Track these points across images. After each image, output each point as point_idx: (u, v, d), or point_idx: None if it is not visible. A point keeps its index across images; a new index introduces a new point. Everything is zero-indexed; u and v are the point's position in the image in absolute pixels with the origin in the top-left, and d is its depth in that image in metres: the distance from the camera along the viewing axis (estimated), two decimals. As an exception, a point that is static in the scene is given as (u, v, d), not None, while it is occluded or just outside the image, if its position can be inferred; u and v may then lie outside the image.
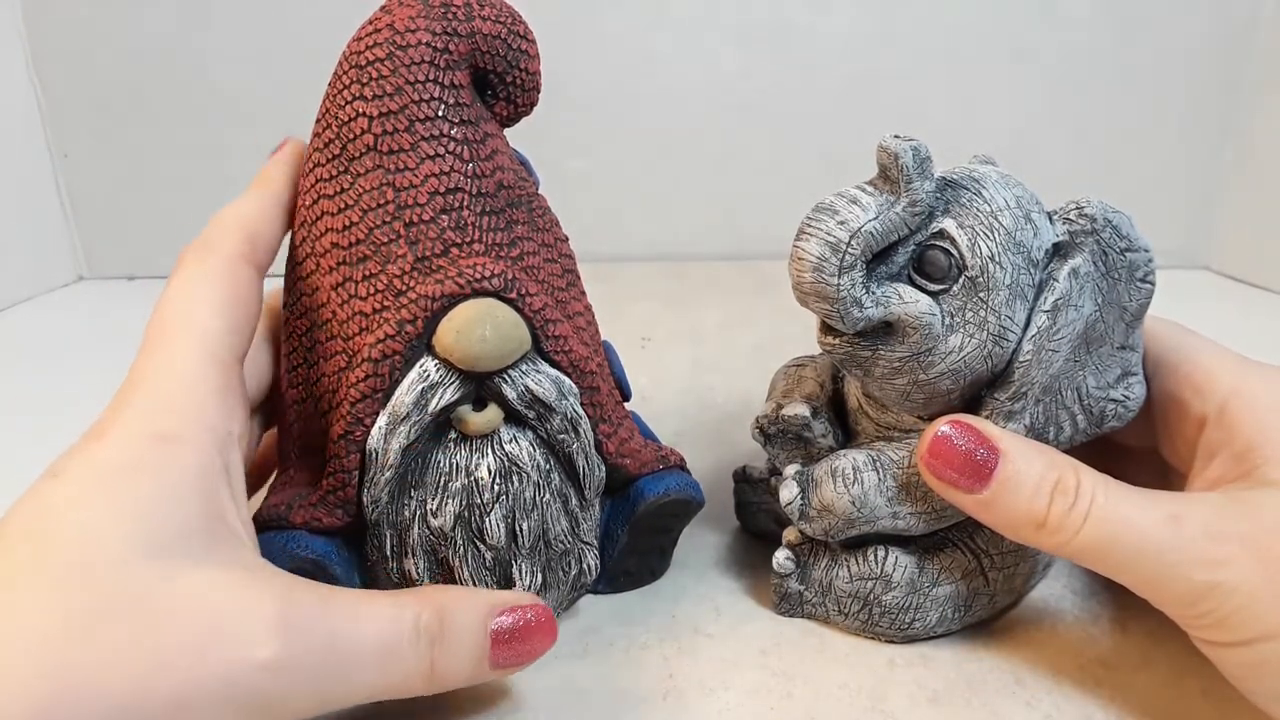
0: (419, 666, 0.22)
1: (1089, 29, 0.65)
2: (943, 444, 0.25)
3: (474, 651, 0.23)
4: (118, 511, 0.19)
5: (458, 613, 0.23)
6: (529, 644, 0.24)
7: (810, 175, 0.67)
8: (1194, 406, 0.26)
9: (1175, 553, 0.23)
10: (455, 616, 0.23)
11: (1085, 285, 0.25)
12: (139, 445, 0.20)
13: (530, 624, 0.24)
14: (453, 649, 0.22)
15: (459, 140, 0.25)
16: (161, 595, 0.19)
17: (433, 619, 0.22)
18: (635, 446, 0.29)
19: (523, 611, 0.24)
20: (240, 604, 0.20)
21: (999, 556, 0.28)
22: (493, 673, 0.23)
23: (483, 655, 0.23)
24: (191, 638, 0.19)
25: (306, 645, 0.20)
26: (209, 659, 0.19)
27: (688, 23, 0.65)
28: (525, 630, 0.23)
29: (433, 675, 0.22)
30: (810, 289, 0.24)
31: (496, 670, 0.23)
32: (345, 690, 0.21)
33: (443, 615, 0.22)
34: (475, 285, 0.25)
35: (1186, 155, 0.68)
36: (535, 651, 0.24)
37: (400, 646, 0.22)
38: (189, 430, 0.21)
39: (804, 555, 0.29)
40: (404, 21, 0.25)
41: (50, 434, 0.21)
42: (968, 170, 0.26)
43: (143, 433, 0.21)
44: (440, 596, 0.23)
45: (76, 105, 0.64)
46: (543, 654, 0.24)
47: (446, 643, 0.22)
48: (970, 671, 0.27)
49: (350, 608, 0.21)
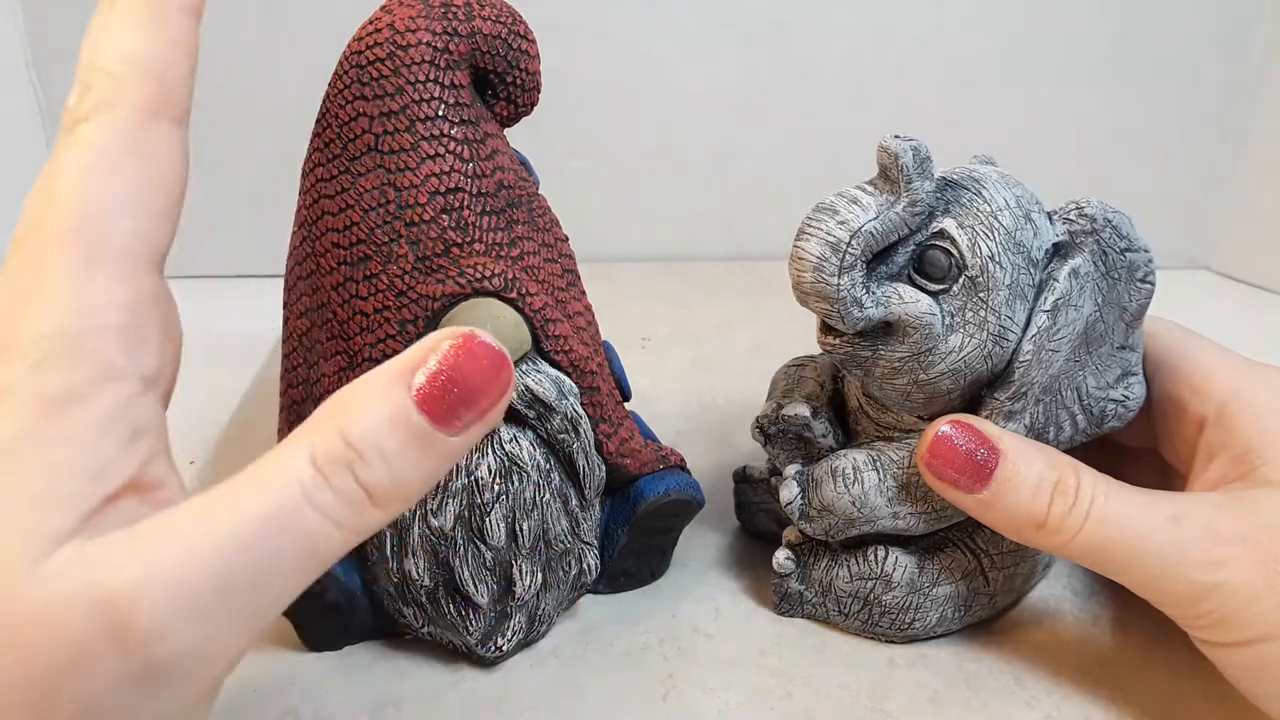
0: (339, 508, 0.17)
1: (1089, 29, 0.65)
2: (943, 444, 0.25)
3: (411, 440, 0.18)
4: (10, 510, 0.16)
5: (362, 413, 0.17)
6: (475, 384, 0.18)
7: (810, 175, 0.67)
8: (1194, 407, 0.26)
9: (1175, 553, 0.23)
10: (362, 419, 0.17)
11: (1085, 285, 0.25)
12: (26, 414, 0.16)
13: (459, 364, 0.18)
14: (381, 457, 0.17)
15: (459, 140, 0.25)
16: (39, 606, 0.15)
17: (332, 442, 0.17)
18: (635, 446, 0.29)
19: (442, 355, 0.18)
20: (105, 578, 0.16)
21: (999, 556, 0.28)
22: (460, 441, 0.18)
23: (426, 436, 0.18)
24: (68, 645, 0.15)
25: (184, 579, 0.16)
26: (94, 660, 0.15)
27: (688, 23, 0.65)
28: (457, 374, 0.18)
29: (375, 500, 0.17)
30: (810, 289, 0.24)
31: (462, 437, 0.18)
32: (265, 595, 0.17)
33: (344, 429, 0.17)
34: (476, 285, 0.25)
35: (1186, 155, 0.68)
36: (490, 388, 0.18)
37: (295, 505, 0.17)
38: (87, 384, 0.17)
39: (804, 555, 0.29)
40: (404, 21, 0.25)
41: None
42: (968, 170, 0.26)
43: (30, 396, 0.16)
44: (330, 407, 0.18)
45: (76, 105, 0.64)
46: (504, 385, 0.18)
47: (367, 457, 0.17)
48: (970, 671, 0.27)
49: (227, 498, 0.17)
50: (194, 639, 0.16)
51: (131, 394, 0.17)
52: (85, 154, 0.18)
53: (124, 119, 0.18)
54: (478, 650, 0.27)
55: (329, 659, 0.28)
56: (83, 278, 0.17)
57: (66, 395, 0.16)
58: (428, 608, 0.27)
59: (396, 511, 0.18)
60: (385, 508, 0.18)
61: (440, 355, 0.18)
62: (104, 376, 0.17)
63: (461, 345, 0.18)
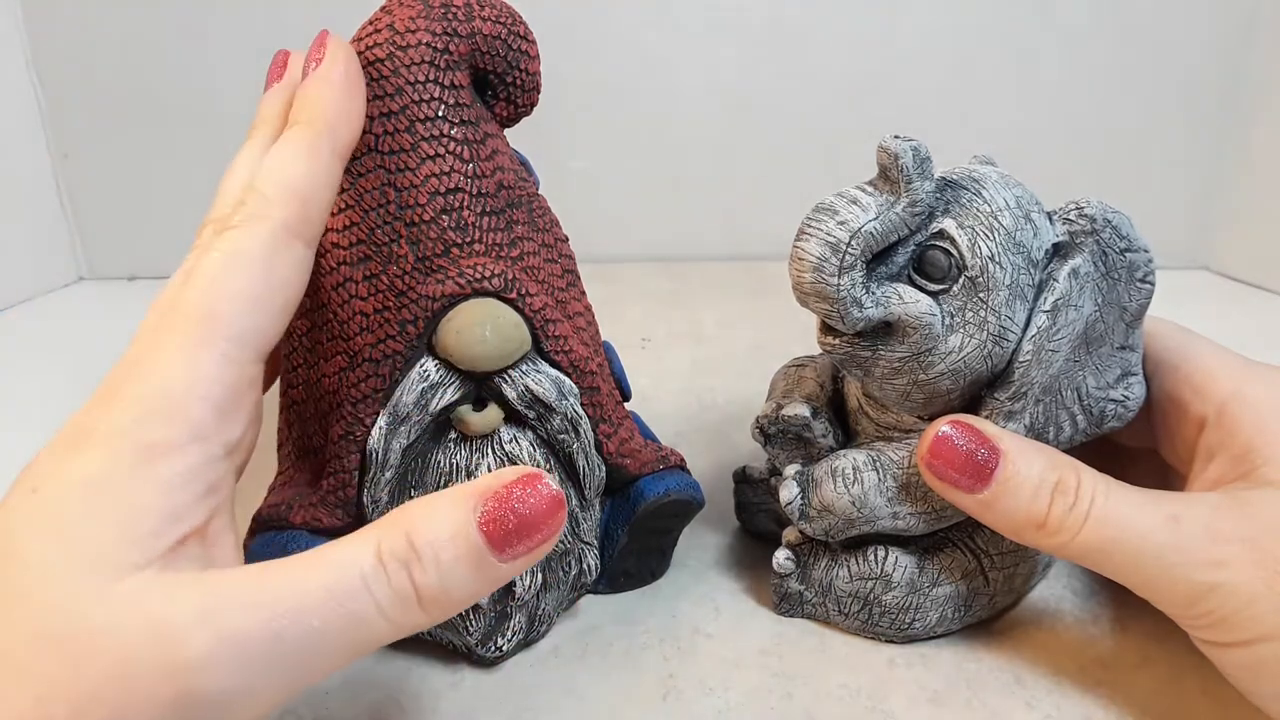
0: (390, 601, 0.19)
1: (1089, 29, 0.65)
2: (943, 444, 0.25)
3: (466, 556, 0.19)
4: (86, 535, 0.18)
5: (429, 522, 0.19)
6: (531, 520, 0.20)
7: (810, 175, 0.68)
8: (1194, 407, 0.26)
9: (1175, 553, 0.23)
10: (427, 528, 0.19)
11: (1085, 285, 0.25)
12: (123, 457, 0.18)
13: (523, 498, 0.20)
14: (436, 564, 0.19)
15: (459, 140, 0.25)
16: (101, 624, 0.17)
17: (397, 541, 0.19)
18: (635, 447, 0.29)
19: (509, 489, 0.20)
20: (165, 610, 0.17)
21: (999, 556, 0.28)
22: (507, 569, 0.20)
23: (479, 556, 0.19)
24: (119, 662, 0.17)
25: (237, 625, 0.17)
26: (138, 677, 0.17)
27: (688, 22, 0.65)
28: (519, 507, 0.20)
29: (422, 602, 0.19)
30: (810, 289, 0.24)
31: (510, 565, 0.20)
32: (307, 660, 0.18)
33: (410, 533, 0.19)
34: (476, 285, 0.25)
35: (1186, 155, 0.68)
36: (544, 526, 0.20)
37: (353, 586, 0.18)
38: (179, 441, 0.19)
39: (804, 555, 0.29)
40: (404, 22, 0.25)
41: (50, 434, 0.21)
42: (968, 170, 0.26)
43: (129, 443, 0.18)
44: (405, 512, 0.20)
45: (76, 105, 0.64)
46: (557, 526, 0.20)
47: (425, 561, 0.19)
48: (970, 671, 0.27)
49: (295, 568, 0.18)
50: (234, 683, 0.17)
51: (213, 456, 0.20)
52: (227, 253, 0.21)
53: (267, 232, 0.21)
54: (478, 650, 0.27)
55: (329, 659, 0.28)
56: (197, 353, 0.20)
57: (159, 447, 0.19)
58: (428, 608, 0.27)
59: (438, 618, 0.20)
60: (429, 612, 0.19)
61: (507, 486, 0.20)
62: (194, 437, 0.19)
63: (527, 481, 0.20)
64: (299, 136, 0.22)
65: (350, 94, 0.24)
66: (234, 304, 0.20)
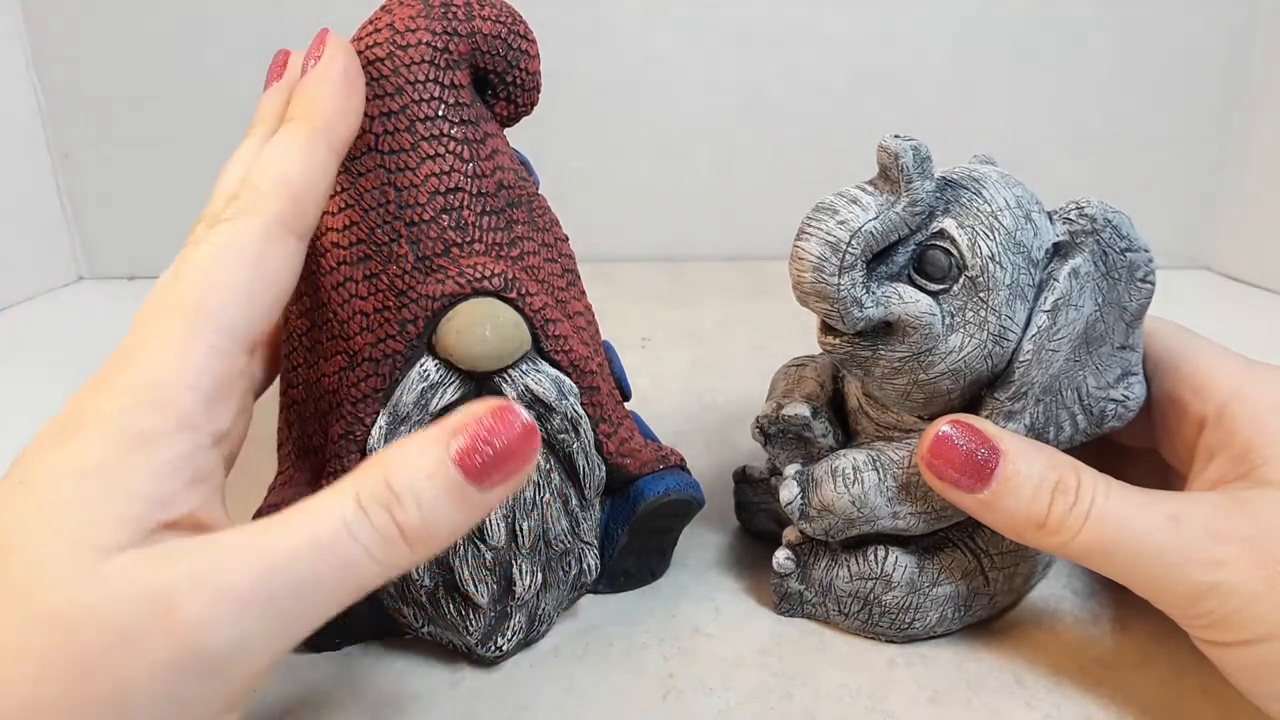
0: (376, 542, 0.19)
1: (1089, 29, 0.65)
2: (943, 444, 0.25)
3: (445, 491, 0.20)
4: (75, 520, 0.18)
5: (404, 464, 0.20)
6: (506, 450, 0.20)
7: (810, 175, 0.67)
8: (1194, 407, 0.26)
9: (1175, 553, 0.23)
10: (403, 469, 0.20)
11: (1085, 285, 0.25)
12: (111, 444, 0.19)
13: (496, 429, 0.20)
14: (417, 502, 0.19)
15: (459, 140, 0.25)
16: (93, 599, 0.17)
17: (376, 486, 0.19)
18: (635, 446, 0.29)
19: (481, 421, 0.20)
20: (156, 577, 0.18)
21: (999, 556, 0.28)
22: (486, 498, 0.20)
23: (459, 488, 0.20)
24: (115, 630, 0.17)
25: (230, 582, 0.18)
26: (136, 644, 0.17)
27: (688, 23, 0.65)
28: (493, 439, 0.20)
29: (407, 540, 0.19)
30: (810, 289, 0.24)
31: (489, 493, 0.20)
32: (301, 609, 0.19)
33: (387, 475, 0.20)
34: (476, 285, 0.25)
35: (1186, 155, 0.68)
36: (519, 454, 0.20)
37: (338, 533, 0.19)
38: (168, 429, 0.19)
39: (804, 555, 0.29)
40: (404, 21, 0.25)
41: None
42: (968, 170, 0.26)
43: (117, 430, 0.19)
44: (378, 459, 0.20)
45: (76, 105, 0.64)
46: (532, 454, 0.21)
47: (405, 501, 0.19)
48: (970, 671, 0.27)
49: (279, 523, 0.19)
50: (232, 638, 0.18)
51: (202, 445, 0.20)
52: (218, 246, 0.21)
53: (259, 225, 0.21)
54: (478, 650, 0.27)
55: (329, 659, 0.28)
56: (187, 344, 0.20)
57: (147, 434, 0.19)
58: (428, 608, 0.27)
59: (425, 553, 0.20)
60: (415, 548, 0.20)
61: (479, 420, 0.20)
62: (182, 426, 0.19)
63: (498, 413, 0.20)
64: (295, 131, 0.22)
65: (348, 91, 0.23)
66: (224, 296, 0.20)
